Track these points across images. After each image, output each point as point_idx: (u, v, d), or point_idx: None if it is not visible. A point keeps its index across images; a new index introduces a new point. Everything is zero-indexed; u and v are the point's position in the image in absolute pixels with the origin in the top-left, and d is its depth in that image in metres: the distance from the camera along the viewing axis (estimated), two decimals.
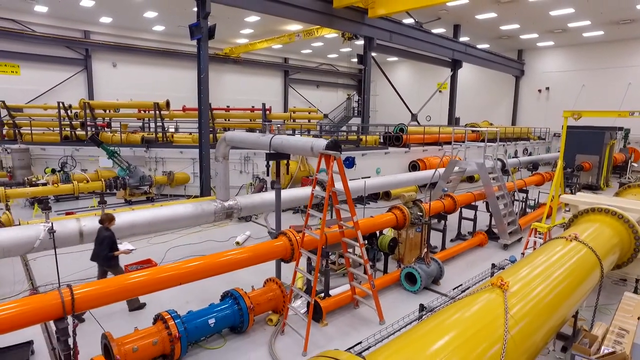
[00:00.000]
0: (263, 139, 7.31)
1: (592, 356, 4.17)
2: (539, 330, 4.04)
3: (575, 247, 5.66)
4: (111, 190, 14.75)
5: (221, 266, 5.54)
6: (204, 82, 14.46)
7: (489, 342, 3.36)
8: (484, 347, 3.30)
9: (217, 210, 8.60)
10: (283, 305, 6.41)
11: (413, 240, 8.84)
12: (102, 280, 4.92)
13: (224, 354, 5.73)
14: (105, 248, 6.49)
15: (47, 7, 24.18)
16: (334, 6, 17.41)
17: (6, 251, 6.51)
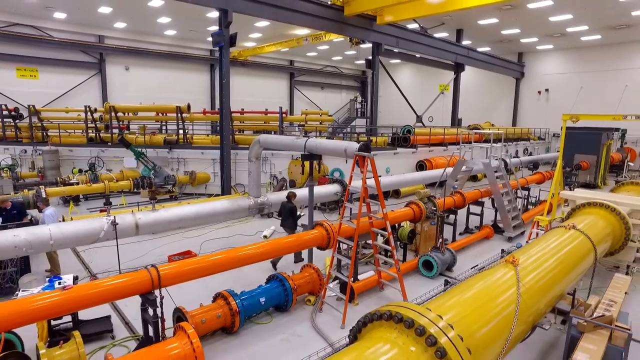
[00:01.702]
0: (298, 141, 8.25)
1: (586, 317, 5.11)
2: (543, 298, 5.00)
3: (573, 234, 6.61)
4: (138, 189, 15.69)
5: (274, 250, 6.52)
6: (226, 87, 15.43)
7: (506, 302, 4.31)
8: (503, 306, 4.24)
9: (251, 205, 9.55)
10: (320, 288, 7.36)
11: (428, 232, 9.80)
12: (180, 261, 5.87)
13: (273, 328, 6.68)
14: (291, 216, 8.87)
15: (66, 13, 25.12)
16: (345, 14, 18.35)
17: (79, 240, 7.46)
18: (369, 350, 3.17)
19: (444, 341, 3.12)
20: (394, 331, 3.33)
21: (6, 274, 7.50)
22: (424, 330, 3.17)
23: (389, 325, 3.38)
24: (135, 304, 6.87)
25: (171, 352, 4.84)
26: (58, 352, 5.06)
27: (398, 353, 3.11)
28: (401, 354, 3.11)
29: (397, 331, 3.31)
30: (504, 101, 36.04)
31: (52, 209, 8.55)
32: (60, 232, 7.29)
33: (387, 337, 3.30)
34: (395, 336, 3.27)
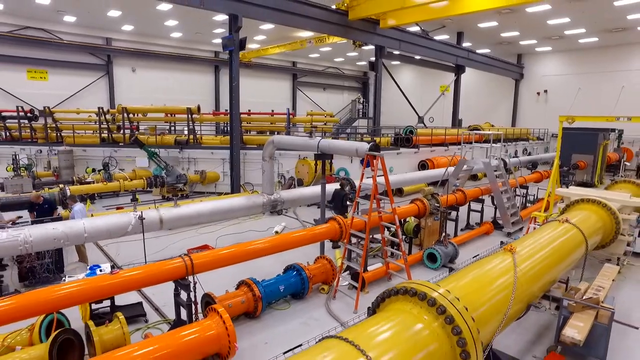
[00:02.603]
0: (312, 141, 8.86)
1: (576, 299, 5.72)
2: (536, 282, 5.60)
3: (566, 227, 7.22)
4: (152, 187, 16.28)
5: (291, 242, 7.13)
6: (236, 89, 16.01)
7: (505, 284, 4.91)
8: (502, 287, 4.84)
9: (265, 202, 10.15)
10: (332, 277, 7.97)
11: (431, 227, 10.40)
12: (211, 250, 6.48)
13: (291, 313, 7.28)
14: (340, 201, 10.00)
15: (76, 17, 25.73)
16: (349, 18, 18.97)
17: (109, 233, 8.07)
18: (389, 318, 3.78)
19: (452, 310, 3.72)
20: (409, 303, 3.93)
21: (43, 264, 8.11)
22: (434, 301, 3.77)
23: (404, 298, 3.99)
24: (162, 292, 7.54)
25: (206, 330, 5.45)
26: (105, 330, 5.67)
27: (414, 320, 3.72)
28: (416, 321, 3.71)
29: (411, 303, 3.91)
30: (503, 102, 36.67)
31: (80, 204, 9.16)
32: (93, 225, 7.89)
33: (403, 309, 3.91)
34: (411, 307, 3.88)
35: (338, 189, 11.02)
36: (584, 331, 5.20)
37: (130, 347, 5.15)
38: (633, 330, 6.41)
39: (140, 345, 5.15)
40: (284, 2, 16.57)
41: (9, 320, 5.08)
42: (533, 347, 6.38)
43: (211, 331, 5.43)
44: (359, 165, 17.17)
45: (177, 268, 5.89)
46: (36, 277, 8.10)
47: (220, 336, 5.44)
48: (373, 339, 3.37)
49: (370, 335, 3.42)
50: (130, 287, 5.59)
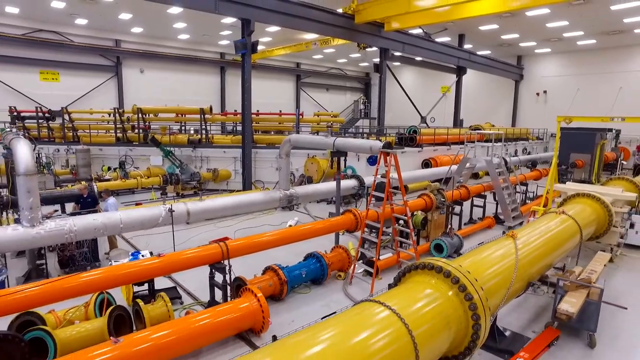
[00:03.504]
0: (328, 140, 9.56)
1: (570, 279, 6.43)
2: (535, 264, 6.31)
3: (562, 218, 7.92)
4: (167, 184, 16.98)
5: (314, 231, 7.85)
6: (248, 90, 16.66)
7: (508, 264, 5.61)
8: (505, 267, 5.53)
9: (282, 197, 10.85)
10: (348, 265, 8.68)
11: (437, 221, 11.12)
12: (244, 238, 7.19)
13: (312, 296, 7.99)
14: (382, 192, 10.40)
15: (87, 19, 26.40)
16: (355, 22, 19.67)
17: (142, 224, 8.76)
18: (411, 288, 4.48)
19: (464, 280, 4.43)
20: (427, 276, 4.64)
21: (82, 253, 8.82)
22: (449, 273, 4.48)
23: (423, 272, 4.70)
24: (190, 279, 8.26)
25: (243, 307, 6.16)
26: (152, 307, 6.38)
27: (432, 288, 4.43)
28: (435, 289, 4.42)
29: (429, 276, 4.62)
30: (503, 102, 37.36)
31: (113, 198, 9.87)
32: (128, 217, 8.59)
33: (422, 280, 4.61)
34: (429, 279, 4.59)
35: (380, 181, 11.63)
36: (577, 306, 5.91)
37: (178, 320, 5.87)
38: (622, 311, 7.15)
39: (185, 319, 5.87)
40: (294, 6, 17.26)
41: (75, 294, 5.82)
42: (532, 324, 7.09)
43: (247, 308, 6.14)
44: (366, 164, 17.92)
45: (214, 253, 6.60)
46: (76, 265, 8.80)
47: (255, 312, 6.16)
48: (400, 301, 4.08)
49: (397, 299, 4.13)
50: (174, 269, 6.31)
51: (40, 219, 7.61)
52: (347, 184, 12.70)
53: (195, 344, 5.79)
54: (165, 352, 5.37)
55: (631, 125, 27.14)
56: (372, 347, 3.44)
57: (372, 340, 3.49)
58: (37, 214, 7.56)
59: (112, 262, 7.13)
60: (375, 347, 3.46)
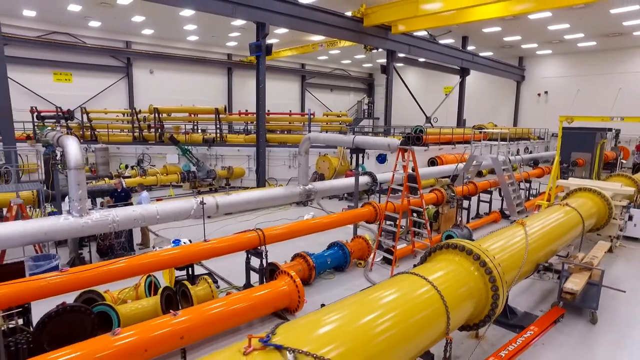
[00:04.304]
0: (347, 138, 10.25)
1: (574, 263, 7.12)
2: (543, 249, 7.00)
3: (566, 209, 8.62)
4: (184, 181, 17.67)
5: (338, 221, 8.54)
6: (262, 91, 17.34)
7: (519, 247, 6.30)
8: (517, 250, 6.22)
9: (301, 192, 11.53)
10: (367, 254, 9.37)
11: (447, 214, 11.81)
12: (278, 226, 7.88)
13: (337, 281, 8.68)
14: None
15: (100, 22, 27.08)
16: (364, 25, 20.37)
17: (175, 216, 9.42)
18: (438, 265, 5.18)
19: (484, 257, 5.12)
20: (451, 254, 5.33)
21: (120, 242, 9.51)
22: (471, 251, 5.17)
23: (447, 251, 5.39)
24: (222, 267, 8.94)
25: (280, 288, 6.85)
26: (197, 288, 7.06)
27: (457, 264, 5.12)
28: (458, 264, 5.11)
29: (453, 254, 5.31)
30: (505, 103, 38.08)
31: (146, 192, 10.57)
32: (164, 208, 9.25)
33: (447, 258, 5.31)
34: (453, 256, 5.28)
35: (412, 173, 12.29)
36: (580, 285, 6.61)
37: (223, 299, 6.57)
38: (621, 294, 7.86)
39: (229, 298, 6.57)
40: (306, 10, 17.96)
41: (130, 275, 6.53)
42: (539, 305, 7.79)
43: (285, 288, 6.84)
44: (375, 162, 18.60)
45: (252, 239, 7.30)
46: (114, 253, 9.49)
47: (292, 292, 6.86)
48: (431, 274, 4.76)
49: (428, 272, 4.81)
50: (218, 253, 7.00)
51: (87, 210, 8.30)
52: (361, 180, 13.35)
53: (239, 320, 6.49)
54: (213, 326, 6.07)
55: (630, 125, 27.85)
56: (415, 308, 4.13)
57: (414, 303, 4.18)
58: (85, 205, 8.24)
59: (157, 248, 7.81)
60: (417, 309, 4.16)
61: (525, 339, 6.22)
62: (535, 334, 6.36)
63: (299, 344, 3.16)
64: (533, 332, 6.41)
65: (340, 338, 3.43)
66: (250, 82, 39.01)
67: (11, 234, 7.42)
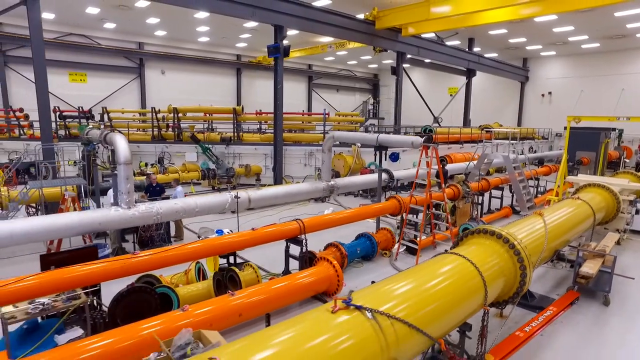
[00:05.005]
0: (371, 136, 10.91)
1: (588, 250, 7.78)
2: (559, 238, 7.65)
3: (578, 202, 9.26)
4: (205, 179, 18.32)
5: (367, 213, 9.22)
6: (280, 92, 17.96)
7: (539, 234, 6.95)
8: (538, 237, 6.87)
9: (325, 187, 12.18)
10: (392, 244, 10.03)
11: (462, 209, 12.47)
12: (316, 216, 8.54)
13: (366, 270, 9.34)
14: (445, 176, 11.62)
15: (116, 23, 27.73)
16: (375, 27, 21.03)
17: (211, 209, 10.07)
18: (472, 245, 5.83)
19: (513, 240, 5.77)
20: (482, 238, 5.99)
21: (160, 234, 10.17)
22: (501, 235, 5.82)
23: (479, 236, 6.04)
24: (255, 257, 9.58)
25: (322, 273, 7.50)
26: (244, 273, 7.72)
27: (489, 246, 5.77)
28: (489, 247, 5.77)
29: (484, 238, 5.97)
30: (509, 103, 38.70)
31: (180, 187, 11.23)
32: (202, 202, 9.91)
33: (479, 241, 5.96)
34: (484, 240, 5.93)
35: (443, 166, 12.76)
36: (594, 269, 7.27)
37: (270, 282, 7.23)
38: (630, 281, 8.53)
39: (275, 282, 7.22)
40: (321, 13, 18.62)
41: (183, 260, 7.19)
42: (555, 290, 8.45)
43: (325, 273, 7.50)
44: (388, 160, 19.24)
45: (294, 228, 7.97)
46: (154, 244, 10.14)
47: (331, 277, 7.51)
48: (468, 254, 5.41)
49: (465, 252, 5.46)
50: (263, 241, 7.69)
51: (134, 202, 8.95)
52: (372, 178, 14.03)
53: (285, 302, 7.14)
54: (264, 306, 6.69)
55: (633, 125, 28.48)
56: (460, 281, 4.80)
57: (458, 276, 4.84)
58: (132, 198, 8.89)
59: (203, 237, 8.47)
60: (461, 281, 4.82)
61: (546, 317, 6.90)
62: (554, 314, 7.03)
63: (372, 306, 3.82)
64: (552, 311, 7.08)
65: (403, 302, 4.09)
66: (258, 83, 39.71)
67: (71, 223, 8.09)
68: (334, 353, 3.24)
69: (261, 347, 3.04)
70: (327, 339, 3.30)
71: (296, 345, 3.13)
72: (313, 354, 3.12)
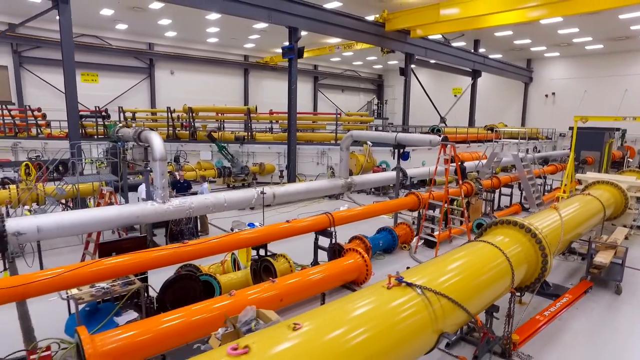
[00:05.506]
0: (389, 134, 11.40)
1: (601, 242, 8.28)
2: (574, 230, 8.14)
3: (589, 198, 9.76)
4: (220, 176, 18.81)
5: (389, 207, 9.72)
6: (294, 92, 18.48)
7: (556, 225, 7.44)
8: (555, 227, 7.37)
9: (343, 184, 12.68)
10: (411, 238, 10.53)
11: (475, 205, 12.96)
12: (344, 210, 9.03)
13: (387, 262, 9.84)
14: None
15: (127, 25, 28.24)
16: (385, 29, 21.53)
17: (238, 204, 10.59)
18: (497, 235, 6.33)
19: (534, 230, 6.26)
20: (505, 228, 6.48)
21: (189, 228, 10.67)
22: (523, 225, 6.32)
23: (502, 226, 6.54)
24: (284, 248, 10.05)
25: (351, 262, 8.00)
26: (278, 263, 8.21)
27: (512, 236, 6.27)
28: (512, 235, 6.26)
29: (507, 228, 6.46)
30: (513, 103, 39.20)
31: (206, 183, 11.73)
32: (230, 197, 10.40)
33: (502, 232, 6.45)
34: (507, 230, 6.43)
35: (461, 162, 13.22)
36: (607, 259, 7.76)
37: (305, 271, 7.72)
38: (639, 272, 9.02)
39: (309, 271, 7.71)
40: (333, 16, 19.12)
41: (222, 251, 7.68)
42: (568, 280, 8.94)
43: (355, 263, 7.99)
44: None
45: (324, 221, 8.46)
46: (183, 238, 10.62)
47: (360, 266, 8.00)
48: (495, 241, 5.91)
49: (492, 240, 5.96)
50: (298, 232, 8.19)
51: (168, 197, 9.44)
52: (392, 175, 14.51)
53: (318, 289, 7.61)
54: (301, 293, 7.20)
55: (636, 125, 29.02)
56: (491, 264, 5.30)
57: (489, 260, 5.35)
58: (167, 193, 9.38)
59: (235, 230, 8.96)
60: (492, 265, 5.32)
61: (562, 304, 7.41)
62: (570, 300, 7.54)
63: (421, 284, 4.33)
64: (568, 299, 7.59)
65: (445, 281, 4.59)
66: (265, 83, 40.22)
67: (111, 216, 8.57)
68: (397, 320, 3.75)
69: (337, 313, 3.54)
70: (390, 309, 3.82)
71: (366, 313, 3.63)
72: (381, 320, 3.63)
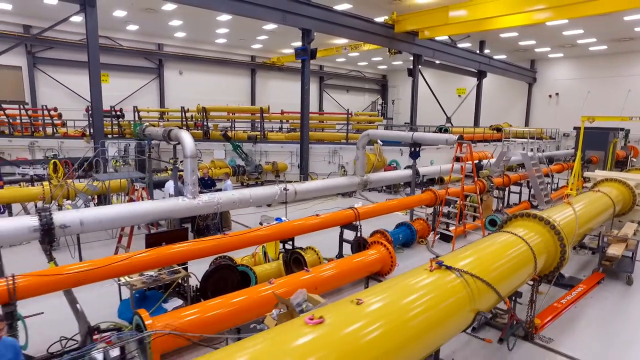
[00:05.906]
0: (406, 134, 11.86)
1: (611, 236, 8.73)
2: (587, 224, 8.58)
3: (599, 194, 10.21)
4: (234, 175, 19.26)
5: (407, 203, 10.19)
6: (307, 92, 18.92)
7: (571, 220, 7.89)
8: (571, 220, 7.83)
9: (359, 182, 13.12)
10: (427, 233, 10.98)
11: (486, 202, 13.41)
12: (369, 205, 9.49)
13: (406, 255, 10.30)
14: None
15: (138, 25, 28.69)
16: (395, 31, 21.97)
17: (262, 200, 11.05)
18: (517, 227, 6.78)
19: (553, 222, 6.71)
20: (524, 221, 6.93)
21: (215, 223, 11.13)
22: (542, 217, 6.77)
23: (522, 219, 6.99)
24: (308, 242, 10.46)
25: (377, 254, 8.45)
26: (307, 255, 8.66)
27: (531, 227, 6.72)
28: (532, 227, 6.71)
29: (527, 220, 6.91)
30: (517, 104, 39.61)
31: (229, 180, 12.19)
32: (255, 194, 10.85)
33: (522, 224, 6.90)
34: (527, 222, 6.88)
35: (477, 162, 13.58)
36: (620, 251, 8.22)
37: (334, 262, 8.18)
38: None
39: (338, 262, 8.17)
40: (344, 17, 19.56)
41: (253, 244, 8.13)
42: (580, 272, 9.40)
43: (380, 255, 8.44)
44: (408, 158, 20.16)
45: (349, 215, 8.92)
46: (209, 232, 11.10)
47: (385, 258, 8.45)
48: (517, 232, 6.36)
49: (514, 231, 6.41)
50: (326, 225, 8.65)
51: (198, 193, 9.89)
52: (405, 173, 15.00)
53: (346, 280, 8.07)
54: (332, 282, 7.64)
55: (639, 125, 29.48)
56: (516, 252, 5.76)
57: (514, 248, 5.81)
58: (197, 189, 9.84)
59: (265, 224, 9.42)
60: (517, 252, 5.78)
61: (577, 293, 7.87)
62: (584, 290, 8.00)
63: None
64: (582, 288, 8.04)
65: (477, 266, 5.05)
66: (271, 83, 40.67)
67: (146, 210, 9.03)
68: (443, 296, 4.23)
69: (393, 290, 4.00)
70: (436, 287, 4.30)
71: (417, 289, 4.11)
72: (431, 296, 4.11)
